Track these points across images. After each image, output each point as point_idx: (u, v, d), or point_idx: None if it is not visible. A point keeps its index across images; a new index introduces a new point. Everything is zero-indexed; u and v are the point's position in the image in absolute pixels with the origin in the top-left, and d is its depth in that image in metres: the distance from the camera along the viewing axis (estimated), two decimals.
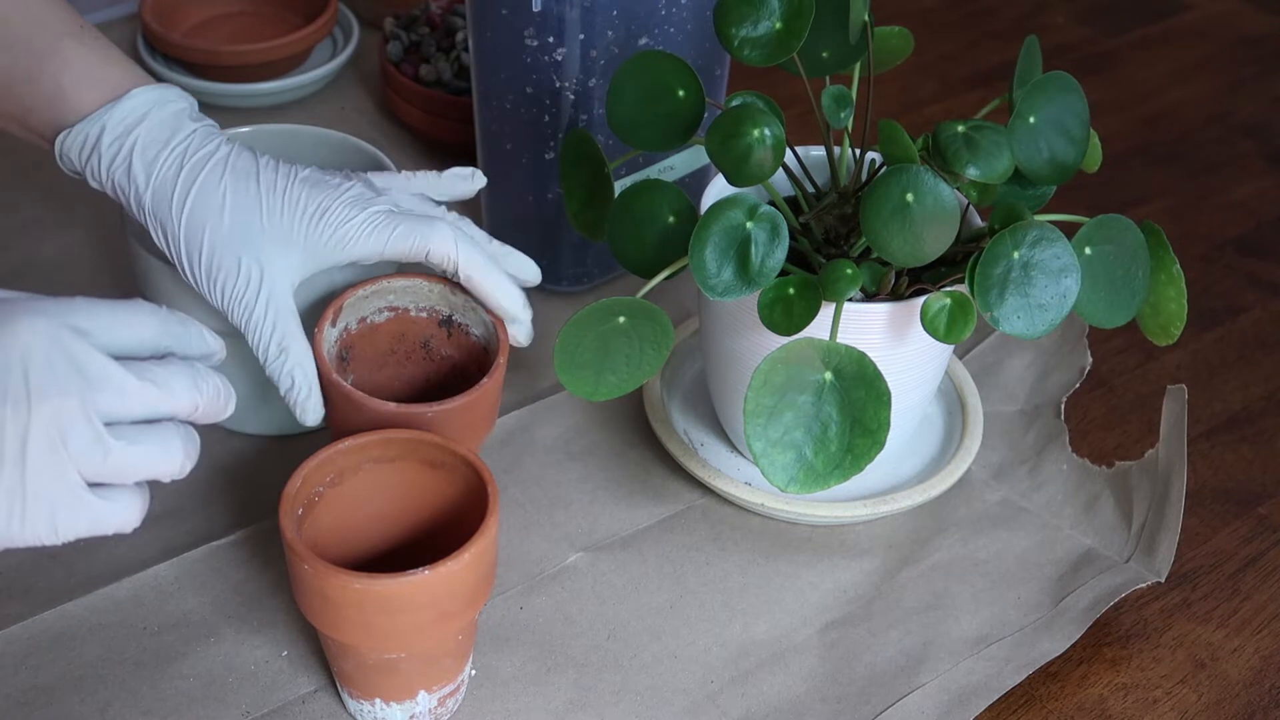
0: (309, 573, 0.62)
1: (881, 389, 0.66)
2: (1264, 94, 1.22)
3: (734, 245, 0.69)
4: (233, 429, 0.84)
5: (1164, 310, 0.73)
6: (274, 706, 0.70)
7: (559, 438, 0.85)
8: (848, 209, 0.75)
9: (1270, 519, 0.83)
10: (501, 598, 0.76)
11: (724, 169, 0.71)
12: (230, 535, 0.78)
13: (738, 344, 0.76)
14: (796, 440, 0.67)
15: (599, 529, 0.80)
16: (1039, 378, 0.89)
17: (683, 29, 0.87)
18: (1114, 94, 1.22)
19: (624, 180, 0.89)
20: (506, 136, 0.90)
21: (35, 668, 0.71)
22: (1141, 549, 0.79)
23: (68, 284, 0.94)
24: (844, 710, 0.71)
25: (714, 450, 0.83)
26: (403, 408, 0.71)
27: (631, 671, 0.73)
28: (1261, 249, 1.04)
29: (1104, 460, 0.84)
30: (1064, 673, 0.74)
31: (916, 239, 0.68)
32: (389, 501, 0.70)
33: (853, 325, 0.70)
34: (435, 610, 0.63)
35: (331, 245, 0.72)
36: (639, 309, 0.70)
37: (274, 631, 0.73)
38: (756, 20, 0.72)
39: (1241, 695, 0.74)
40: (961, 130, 0.70)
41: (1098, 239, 0.71)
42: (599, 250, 0.94)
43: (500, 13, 0.84)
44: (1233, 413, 0.90)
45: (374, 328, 0.77)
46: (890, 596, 0.77)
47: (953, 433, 0.84)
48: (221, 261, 0.71)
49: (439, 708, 0.69)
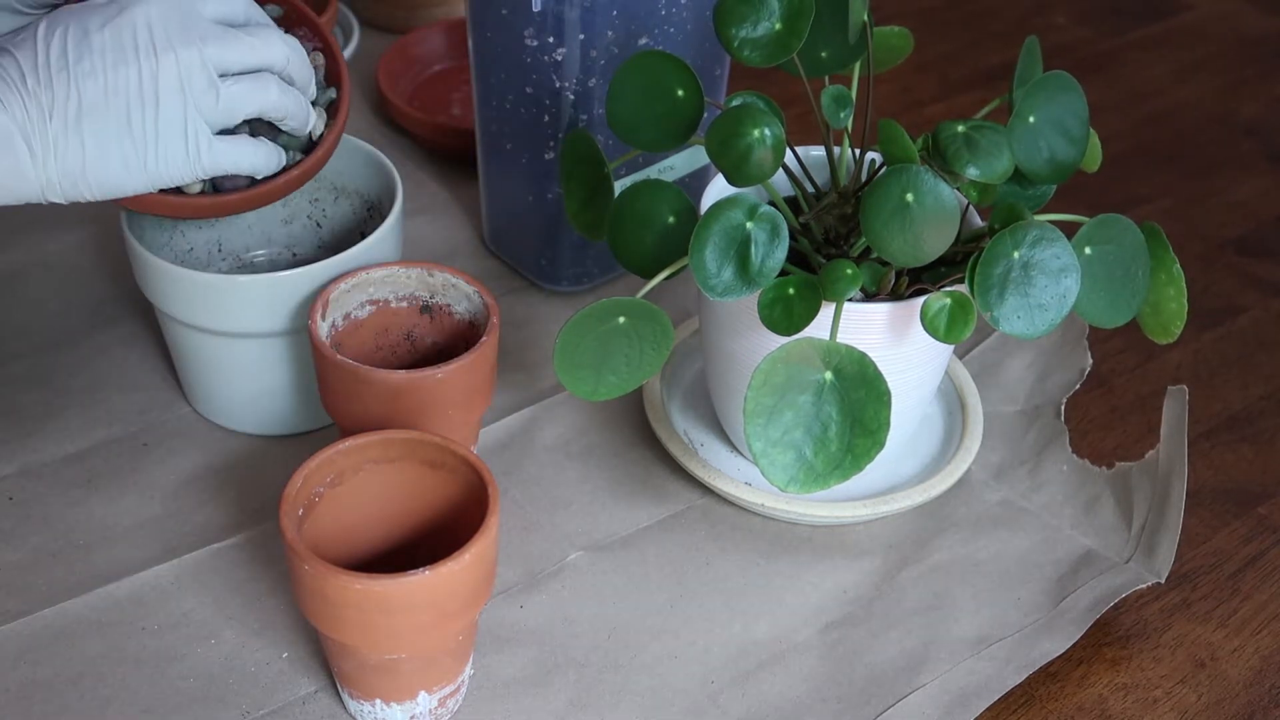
0: (309, 573, 0.62)
1: (881, 389, 0.66)
2: (1264, 94, 1.22)
3: (734, 245, 0.69)
4: (233, 429, 0.84)
5: (1164, 310, 0.73)
6: (274, 707, 0.70)
7: (559, 438, 0.85)
8: (848, 209, 0.75)
9: (1270, 519, 0.83)
10: (501, 598, 0.76)
11: (724, 169, 0.71)
12: (231, 535, 0.78)
13: (738, 344, 0.76)
14: (796, 440, 0.67)
15: (599, 529, 0.80)
16: (1039, 378, 0.89)
17: (683, 29, 0.87)
18: (1114, 94, 1.22)
19: (624, 180, 0.89)
20: (506, 136, 0.90)
21: (34, 663, 0.71)
22: (1142, 550, 0.79)
23: (68, 284, 0.94)
24: (845, 710, 0.71)
25: (714, 450, 0.83)
26: (413, 373, 0.72)
27: (631, 671, 0.73)
28: (1261, 249, 1.04)
29: (1104, 461, 0.84)
30: (1064, 673, 0.74)
31: (916, 239, 0.68)
32: (389, 502, 0.70)
33: (853, 325, 0.70)
34: (435, 610, 0.63)
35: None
36: (639, 309, 0.70)
37: (274, 632, 0.73)
38: (756, 21, 0.72)
39: (1241, 695, 0.74)
40: (961, 130, 0.70)
41: (1098, 239, 0.71)
42: (599, 250, 0.94)
43: (500, 13, 0.84)
44: (1233, 413, 0.90)
45: (358, 324, 0.78)
46: (891, 597, 0.77)
47: (953, 433, 0.84)
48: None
49: (439, 708, 0.69)
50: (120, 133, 0.67)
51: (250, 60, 0.71)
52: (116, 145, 0.68)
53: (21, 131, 0.66)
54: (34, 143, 0.66)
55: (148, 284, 0.79)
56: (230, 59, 0.70)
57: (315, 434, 0.84)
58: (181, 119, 0.69)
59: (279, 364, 0.80)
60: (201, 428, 0.85)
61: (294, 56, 0.73)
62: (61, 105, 0.66)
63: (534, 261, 0.95)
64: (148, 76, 0.67)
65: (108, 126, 0.67)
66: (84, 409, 0.85)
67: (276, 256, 0.90)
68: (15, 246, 0.97)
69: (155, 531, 0.78)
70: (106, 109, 0.67)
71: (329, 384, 0.75)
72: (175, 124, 0.68)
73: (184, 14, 0.69)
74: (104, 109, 0.67)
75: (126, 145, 0.68)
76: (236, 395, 0.82)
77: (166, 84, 0.68)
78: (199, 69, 0.68)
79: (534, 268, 0.95)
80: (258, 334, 0.78)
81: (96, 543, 0.77)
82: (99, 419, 0.84)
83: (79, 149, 0.67)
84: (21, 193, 0.68)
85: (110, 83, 0.67)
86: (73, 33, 0.67)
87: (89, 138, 0.67)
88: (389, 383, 0.72)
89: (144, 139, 0.68)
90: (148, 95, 0.68)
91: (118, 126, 0.67)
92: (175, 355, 0.84)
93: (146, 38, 0.68)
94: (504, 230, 0.97)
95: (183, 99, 0.68)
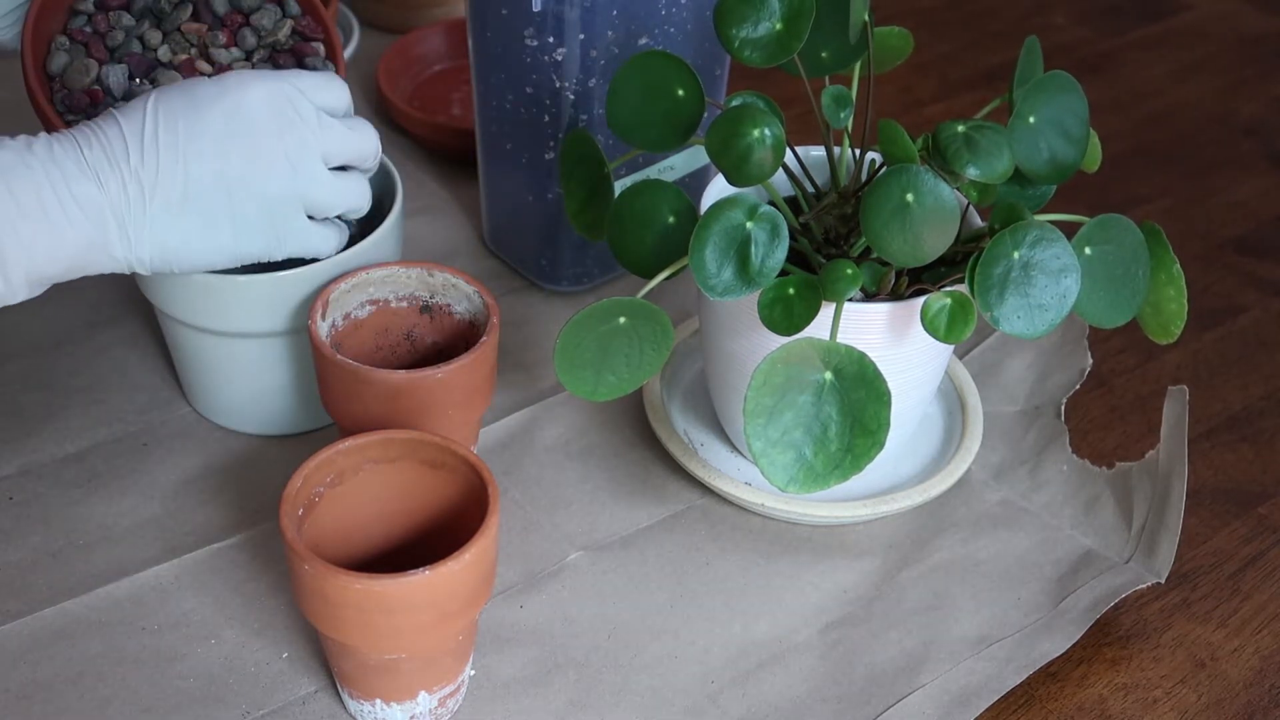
0: (309, 573, 0.62)
1: (881, 389, 0.66)
2: (1264, 94, 1.23)
3: (734, 245, 0.69)
4: (233, 429, 0.84)
5: (1164, 310, 0.73)
6: (274, 707, 0.70)
7: (559, 438, 0.85)
8: (848, 209, 0.75)
9: (1270, 519, 0.83)
10: (501, 598, 0.76)
11: (724, 169, 0.71)
12: (231, 535, 0.78)
13: (738, 344, 0.75)
14: (796, 440, 0.67)
15: (599, 529, 0.80)
16: (1039, 378, 0.89)
17: (683, 29, 0.87)
18: (1114, 94, 1.22)
19: (624, 180, 0.89)
20: (506, 136, 0.90)
21: (35, 663, 0.71)
22: (1142, 550, 0.79)
23: (68, 285, 0.94)
24: (845, 710, 0.71)
25: (714, 450, 0.83)
26: (413, 373, 0.72)
27: (631, 671, 0.73)
28: (1261, 249, 1.04)
29: (1104, 461, 0.84)
30: (1064, 673, 0.74)
31: (916, 239, 0.68)
32: (389, 502, 0.70)
33: (853, 325, 0.70)
34: (435, 610, 0.63)
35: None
36: (639, 309, 0.70)
37: (274, 632, 0.73)
38: (756, 21, 0.72)
39: (1241, 695, 0.74)
40: (961, 130, 0.70)
41: (1098, 239, 0.71)
42: (599, 250, 0.94)
43: (500, 13, 0.84)
44: (1233, 413, 0.90)
45: (358, 324, 0.78)
46: (891, 597, 0.77)
47: (953, 433, 0.84)
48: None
49: (439, 708, 0.69)
50: (222, 217, 0.67)
51: (349, 154, 0.71)
52: (215, 229, 0.67)
53: (115, 211, 0.65)
54: (127, 222, 0.65)
55: (148, 284, 0.79)
56: (334, 151, 0.70)
57: (315, 434, 0.84)
58: (284, 205, 0.68)
59: (279, 364, 0.80)
60: (201, 428, 0.85)
61: (378, 147, 0.74)
62: (166, 186, 0.65)
63: (534, 261, 0.95)
64: (262, 164, 0.67)
65: (210, 209, 0.66)
66: (84, 409, 0.85)
67: None
68: None
69: (155, 531, 0.78)
70: (213, 192, 0.66)
71: (329, 384, 0.75)
72: (277, 209, 0.68)
73: (293, 101, 0.68)
74: (210, 192, 0.66)
75: (225, 229, 0.67)
76: (236, 395, 0.82)
77: (278, 170, 0.67)
78: (310, 157, 0.68)
79: (534, 268, 0.95)
80: (258, 334, 0.78)
81: (96, 543, 0.77)
82: (99, 419, 0.84)
83: (175, 230, 0.66)
84: (104, 268, 0.67)
85: (220, 167, 0.66)
86: (184, 109, 0.66)
87: (191, 220, 0.66)
88: (389, 383, 0.72)
89: (243, 227, 0.67)
90: (256, 182, 0.67)
91: (221, 210, 0.67)
92: (175, 355, 0.84)
93: (262, 120, 0.67)
94: (504, 230, 0.97)
95: (292, 185, 0.68)
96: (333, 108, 0.71)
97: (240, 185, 0.67)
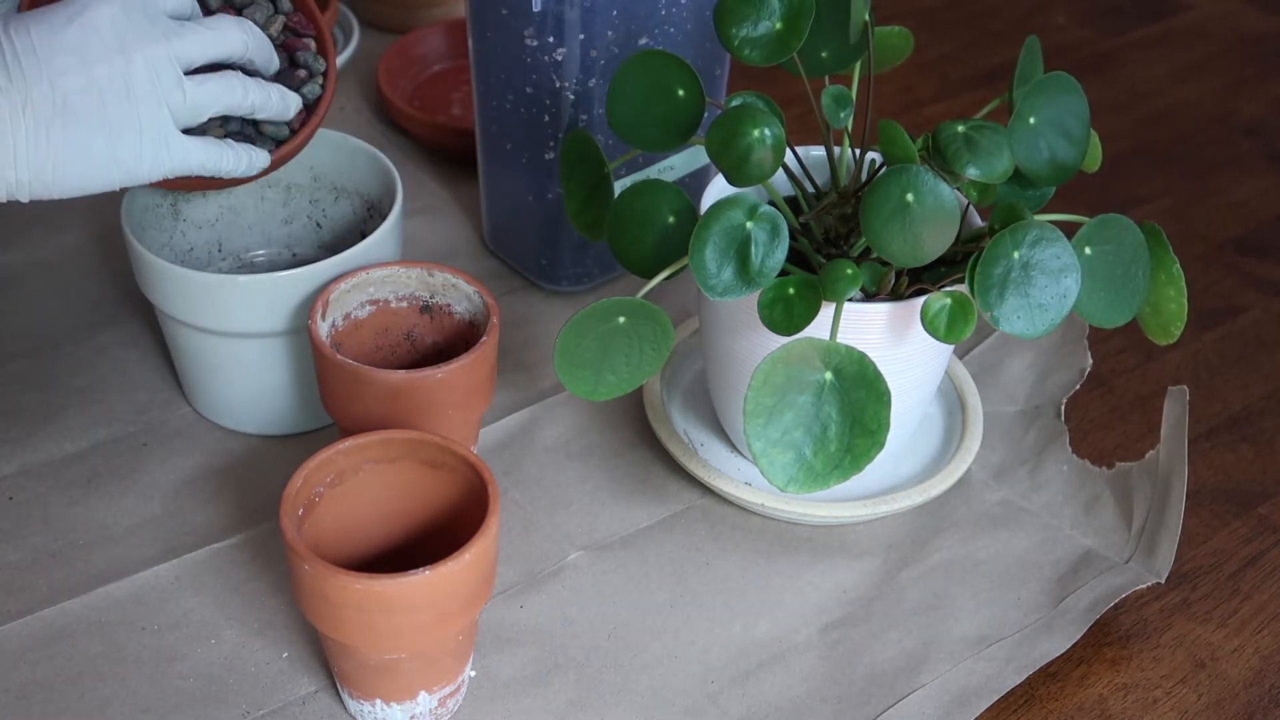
0: (309, 573, 0.62)
1: (881, 389, 0.66)
2: (1264, 94, 1.22)
3: (734, 245, 0.69)
4: (233, 429, 0.84)
5: (1164, 310, 0.73)
6: (274, 707, 0.70)
7: (559, 438, 0.85)
8: (848, 209, 0.75)
9: (1270, 519, 0.83)
10: (501, 598, 0.76)
11: (724, 169, 0.71)
12: (231, 535, 0.78)
13: (738, 344, 0.75)
14: (796, 440, 0.66)
15: (599, 529, 0.80)
16: (1039, 378, 0.89)
17: (683, 29, 0.87)
18: (1114, 94, 1.22)
19: (624, 180, 0.89)
20: (506, 136, 0.90)
21: (34, 663, 0.71)
22: (1142, 550, 0.79)
23: (68, 284, 0.94)
24: (844, 710, 0.71)
25: (714, 450, 0.83)
26: (413, 373, 0.72)
27: (631, 671, 0.73)
28: (1261, 249, 1.04)
29: (1104, 461, 0.84)
30: (1064, 673, 0.74)
31: (916, 239, 0.68)
32: (389, 502, 0.70)
33: (853, 325, 0.70)
34: (435, 610, 0.63)
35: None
36: (639, 309, 0.70)
37: (274, 632, 0.73)
38: (756, 20, 0.72)
39: (1241, 695, 0.74)
40: (961, 130, 0.70)
41: (1098, 239, 0.71)
42: (599, 250, 0.94)
43: (500, 13, 0.84)
44: (1233, 413, 0.90)
45: (358, 324, 0.78)
46: (890, 597, 0.77)
47: (953, 433, 0.84)
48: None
49: (439, 708, 0.69)
50: (93, 130, 0.67)
51: (211, 52, 0.71)
52: (87, 143, 0.67)
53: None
54: (4, 141, 0.65)
55: (148, 284, 0.79)
56: (194, 53, 0.70)
57: (315, 434, 0.84)
58: (153, 116, 0.68)
59: (279, 364, 0.80)
60: (201, 428, 0.85)
61: (251, 41, 0.73)
62: (36, 102, 0.65)
63: (534, 261, 0.95)
64: (119, 73, 0.67)
65: (81, 124, 0.66)
66: (84, 409, 0.85)
67: (276, 256, 0.90)
68: (15, 246, 0.97)
69: (155, 531, 0.78)
70: (82, 106, 0.66)
71: (329, 384, 0.75)
72: (147, 121, 0.68)
73: (145, 11, 0.69)
74: (79, 106, 0.66)
75: (98, 143, 0.67)
76: (236, 395, 0.82)
77: (139, 81, 0.67)
78: (167, 65, 0.68)
79: (534, 268, 0.95)
80: (258, 334, 0.78)
81: (96, 543, 0.77)
82: (99, 419, 0.84)
83: (50, 147, 0.66)
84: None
85: (86, 79, 0.66)
86: (39, 31, 0.66)
87: (62, 135, 0.66)
88: (389, 383, 0.72)
89: (117, 136, 0.67)
90: (120, 91, 0.67)
91: (91, 123, 0.67)
92: (175, 355, 0.84)
93: (114, 35, 0.67)
94: (504, 230, 0.97)
95: (155, 95, 0.68)
96: (179, 9, 0.71)
97: (110, 99, 0.67)
